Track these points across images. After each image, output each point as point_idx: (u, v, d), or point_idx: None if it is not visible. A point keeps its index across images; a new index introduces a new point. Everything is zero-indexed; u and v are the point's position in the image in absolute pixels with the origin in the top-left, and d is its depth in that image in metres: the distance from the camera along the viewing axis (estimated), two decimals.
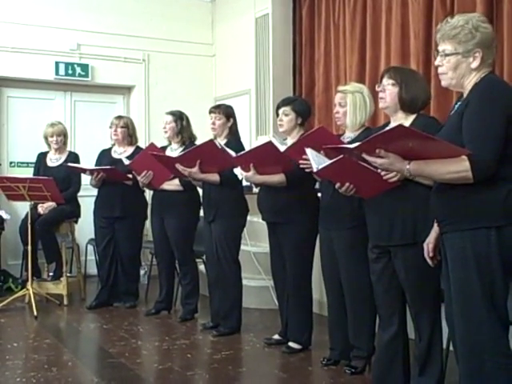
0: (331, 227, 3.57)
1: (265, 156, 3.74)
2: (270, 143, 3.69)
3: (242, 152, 4.01)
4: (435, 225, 2.54)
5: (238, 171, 4.06)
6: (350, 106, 3.49)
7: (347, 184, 2.99)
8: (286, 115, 4.01)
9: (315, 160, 2.93)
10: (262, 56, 6.52)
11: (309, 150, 2.99)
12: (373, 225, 3.05)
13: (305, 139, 3.34)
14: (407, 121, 2.97)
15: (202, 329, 4.61)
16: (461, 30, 2.35)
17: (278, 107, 4.08)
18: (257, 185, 4.13)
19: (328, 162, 2.78)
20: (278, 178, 3.86)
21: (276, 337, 4.22)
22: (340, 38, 6.07)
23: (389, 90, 3.02)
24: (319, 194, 3.88)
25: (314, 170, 3.01)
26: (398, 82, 3.00)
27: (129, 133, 5.39)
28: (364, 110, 3.49)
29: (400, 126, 2.32)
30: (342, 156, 2.62)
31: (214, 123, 4.50)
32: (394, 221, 2.92)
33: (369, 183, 2.78)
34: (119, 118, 5.47)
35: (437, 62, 2.44)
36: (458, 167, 2.23)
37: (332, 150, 2.81)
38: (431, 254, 2.61)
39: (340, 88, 3.64)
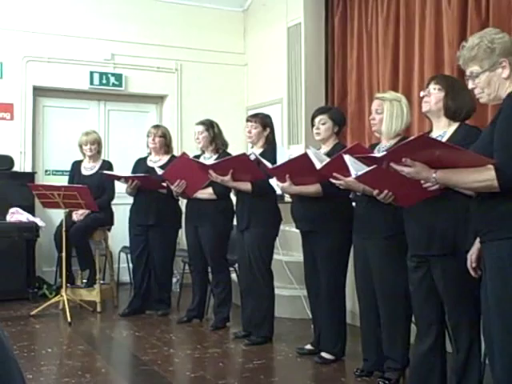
0: (366, 236, 3.54)
1: (300, 167, 3.72)
2: (305, 155, 3.67)
3: (278, 164, 4.00)
4: None
5: (273, 182, 4.05)
6: (386, 114, 3.46)
7: (386, 191, 2.97)
8: (323, 124, 4.00)
9: (354, 167, 2.92)
10: (294, 65, 6.53)
11: (347, 157, 2.98)
12: (412, 233, 3.02)
13: (337, 158, 3.32)
14: (450, 129, 2.95)
15: (233, 338, 4.60)
16: (478, 48, 2.38)
17: (314, 116, 4.07)
18: (292, 195, 4.11)
19: (366, 169, 2.77)
20: (314, 188, 3.84)
21: (308, 347, 4.20)
22: (373, 47, 6.04)
23: (434, 94, 2.99)
24: (354, 203, 3.86)
25: (353, 176, 2.99)
26: (445, 88, 2.98)
27: (166, 142, 5.43)
28: (400, 119, 3.46)
29: (424, 136, 2.32)
30: (376, 165, 2.61)
31: (250, 131, 4.51)
32: (433, 230, 2.89)
33: (408, 191, 2.75)
34: (157, 127, 5.52)
35: (470, 86, 2.45)
36: (484, 176, 2.22)
37: (363, 159, 2.80)
38: (474, 265, 2.56)
39: (378, 95, 3.62)
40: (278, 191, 4.29)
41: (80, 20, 6.71)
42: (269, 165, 3.98)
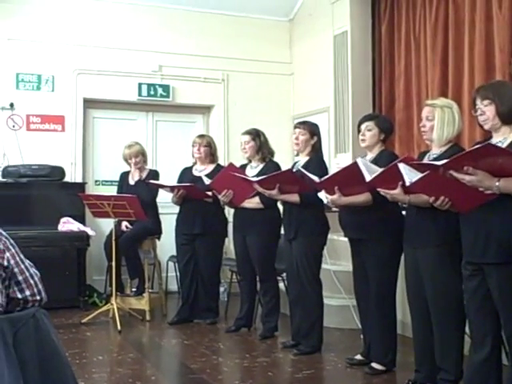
0: (417, 245, 3.47)
1: (349, 178, 3.68)
2: (354, 165, 3.63)
3: (326, 177, 3.98)
4: None
5: (322, 195, 4.03)
6: (437, 121, 3.40)
7: (442, 198, 2.91)
8: (369, 130, 3.97)
9: (408, 174, 2.88)
10: (341, 73, 6.50)
11: (401, 165, 2.94)
12: (467, 241, 2.95)
13: (390, 169, 3.29)
14: (511, 135, 2.84)
15: (282, 347, 4.57)
16: None
17: (361, 123, 4.06)
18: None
19: (420, 175, 2.72)
20: (363, 197, 3.80)
21: (358, 357, 4.14)
22: (421, 54, 5.97)
23: (488, 110, 2.88)
24: (403, 212, 3.80)
25: (407, 184, 2.95)
26: (492, 99, 2.88)
27: (211, 151, 5.46)
28: (452, 126, 3.39)
29: (489, 145, 2.26)
30: (429, 171, 2.57)
31: (297, 138, 4.50)
32: (488, 237, 2.82)
33: (465, 196, 2.69)
34: (202, 136, 5.56)
35: None
36: None
37: (420, 166, 2.76)
38: None
39: (428, 102, 3.56)
40: (325, 200, 4.24)
41: (128, 33, 6.84)
42: (316, 179, 3.96)
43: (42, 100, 6.56)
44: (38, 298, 2.45)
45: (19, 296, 2.38)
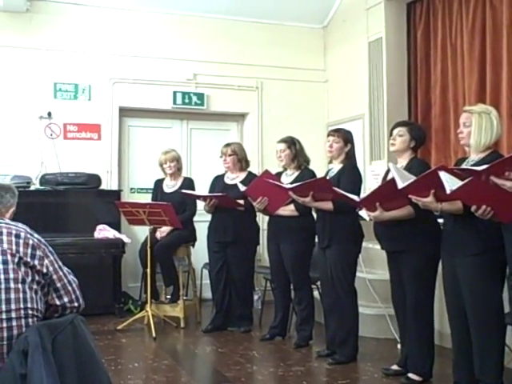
0: (455, 254, 3.41)
1: (389, 192, 3.63)
2: (392, 181, 3.58)
3: (365, 195, 3.96)
4: None
5: (363, 213, 4.00)
6: (474, 127, 3.35)
7: (484, 207, 2.86)
8: (400, 136, 3.96)
9: (448, 182, 2.83)
10: (376, 80, 6.45)
11: (442, 173, 2.90)
12: (510, 250, 2.89)
13: (427, 176, 3.24)
14: None
15: (316, 356, 4.54)
16: None
17: (393, 128, 4.06)
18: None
19: (461, 182, 2.67)
20: (406, 211, 3.73)
21: (395, 367, 4.08)
22: (458, 60, 5.89)
23: None
24: (440, 220, 3.74)
25: (448, 191, 2.90)
26: None
27: (238, 158, 5.46)
28: (490, 132, 3.33)
29: None
30: (471, 178, 2.52)
31: (331, 146, 4.47)
32: None
33: (507, 204, 2.63)
34: (227, 145, 5.55)
35: None
36: None
37: (460, 171, 2.71)
38: None
39: (466, 108, 3.51)
40: (367, 218, 4.19)
41: (163, 42, 6.90)
42: (356, 198, 3.93)
43: (78, 109, 6.65)
44: (76, 304, 2.48)
45: (57, 303, 2.41)
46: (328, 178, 4.45)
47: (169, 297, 5.79)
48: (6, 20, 6.35)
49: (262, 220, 5.72)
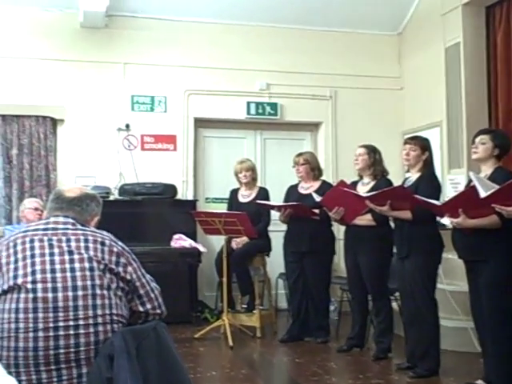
0: None
1: (473, 199, 3.52)
2: (473, 188, 3.47)
3: (447, 200, 3.85)
4: None
5: (445, 220, 3.89)
6: None
7: None
8: (483, 144, 3.84)
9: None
10: (454, 86, 6.28)
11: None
12: None
13: (507, 187, 3.12)
14: None
15: (396, 369, 4.43)
16: None
17: (476, 136, 3.93)
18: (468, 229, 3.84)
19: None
20: (491, 220, 3.58)
21: (479, 382, 3.93)
22: None
23: None
24: None
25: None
26: None
27: (311, 167, 5.43)
28: None
29: None
30: None
31: (408, 154, 4.38)
32: None
33: None
34: (299, 155, 5.54)
35: None
36: None
37: None
38: None
39: None
40: (449, 225, 4.07)
41: (236, 53, 6.96)
42: (436, 203, 3.83)
43: (155, 120, 6.81)
44: (159, 311, 2.50)
45: (141, 309, 2.44)
46: (405, 186, 4.36)
47: (245, 306, 5.80)
48: (86, 36, 6.58)
49: (338, 230, 5.65)
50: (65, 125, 6.55)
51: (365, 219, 4.72)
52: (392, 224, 4.63)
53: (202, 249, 6.10)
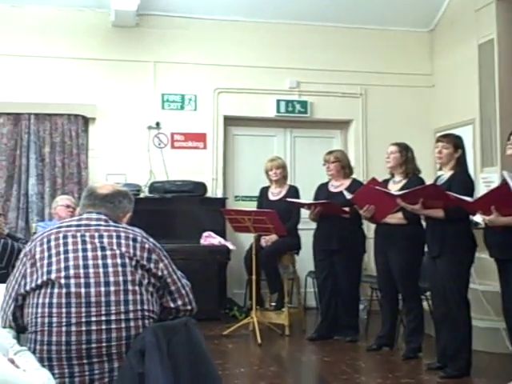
0: None
1: (504, 197, 3.46)
2: (506, 186, 3.42)
3: (479, 196, 3.79)
4: None
5: (477, 217, 3.84)
6: None
7: None
8: None
9: None
10: (487, 83, 6.18)
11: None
12: None
13: None
14: None
15: (426, 369, 4.38)
16: None
17: None
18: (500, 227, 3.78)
19: None
20: None
21: None
22: None
23: None
24: None
25: None
26: None
27: (341, 165, 5.40)
28: None
29: None
30: None
31: (440, 152, 4.34)
32: None
33: None
34: (330, 153, 5.52)
35: None
36: None
37: None
38: None
39: None
40: (482, 223, 4.02)
41: (266, 51, 6.95)
42: (468, 199, 3.78)
43: (185, 119, 6.84)
44: (189, 307, 2.52)
45: (172, 305, 2.46)
46: (437, 184, 4.31)
47: (273, 304, 5.80)
48: (117, 35, 6.64)
49: (368, 228, 5.62)
50: (96, 123, 6.62)
51: (396, 217, 4.68)
52: (423, 223, 4.59)
53: (231, 246, 6.12)
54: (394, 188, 4.72)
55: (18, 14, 6.46)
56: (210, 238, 6.19)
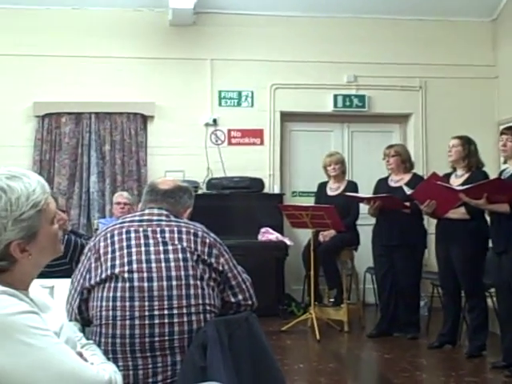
0: None
1: None
2: None
3: None
4: None
5: None
6: None
7: None
8: None
9: None
10: None
11: None
12: None
13: None
14: None
15: (491, 367, 4.27)
16: None
17: None
18: None
19: None
20: None
21: None
22: None
23: None
24: None
25: None
26: None
27: (402, 160, 5.32)
28: None
29: None
30: None
31: (505, 145, 4.22)
32: None
33: None
34: (390, 147, 5.46)
35: None
36: None
37: None
38: None
39: None
40: None
41: (322, 45, 6.88)
42: None
43: (242, 115, 6.86)
44: (250, 302, 2.52)
45: (232, 300, 2.46)
46: (502, 178, 4.19)
47: (332, 300, 5.76)
48: (175, 33, 6.72)
49: (429, 223, 5.51)
50: (155, 121, 6.72)
51: (458, 212, 4.57)
52: (487, 217, 4.47)
53: (288, 242, 6.10)
54: (456, 182, 4.61)
55: (78, 16, 6.61)
56: (267, 234, 6.20)
